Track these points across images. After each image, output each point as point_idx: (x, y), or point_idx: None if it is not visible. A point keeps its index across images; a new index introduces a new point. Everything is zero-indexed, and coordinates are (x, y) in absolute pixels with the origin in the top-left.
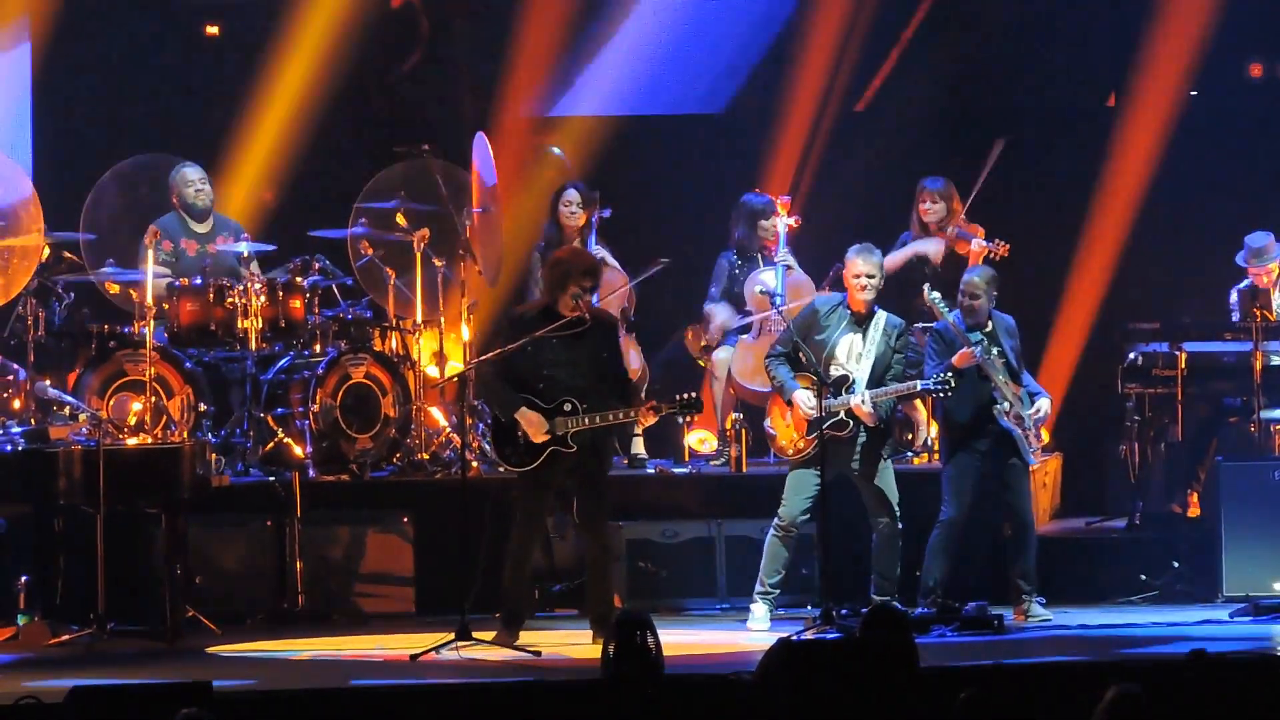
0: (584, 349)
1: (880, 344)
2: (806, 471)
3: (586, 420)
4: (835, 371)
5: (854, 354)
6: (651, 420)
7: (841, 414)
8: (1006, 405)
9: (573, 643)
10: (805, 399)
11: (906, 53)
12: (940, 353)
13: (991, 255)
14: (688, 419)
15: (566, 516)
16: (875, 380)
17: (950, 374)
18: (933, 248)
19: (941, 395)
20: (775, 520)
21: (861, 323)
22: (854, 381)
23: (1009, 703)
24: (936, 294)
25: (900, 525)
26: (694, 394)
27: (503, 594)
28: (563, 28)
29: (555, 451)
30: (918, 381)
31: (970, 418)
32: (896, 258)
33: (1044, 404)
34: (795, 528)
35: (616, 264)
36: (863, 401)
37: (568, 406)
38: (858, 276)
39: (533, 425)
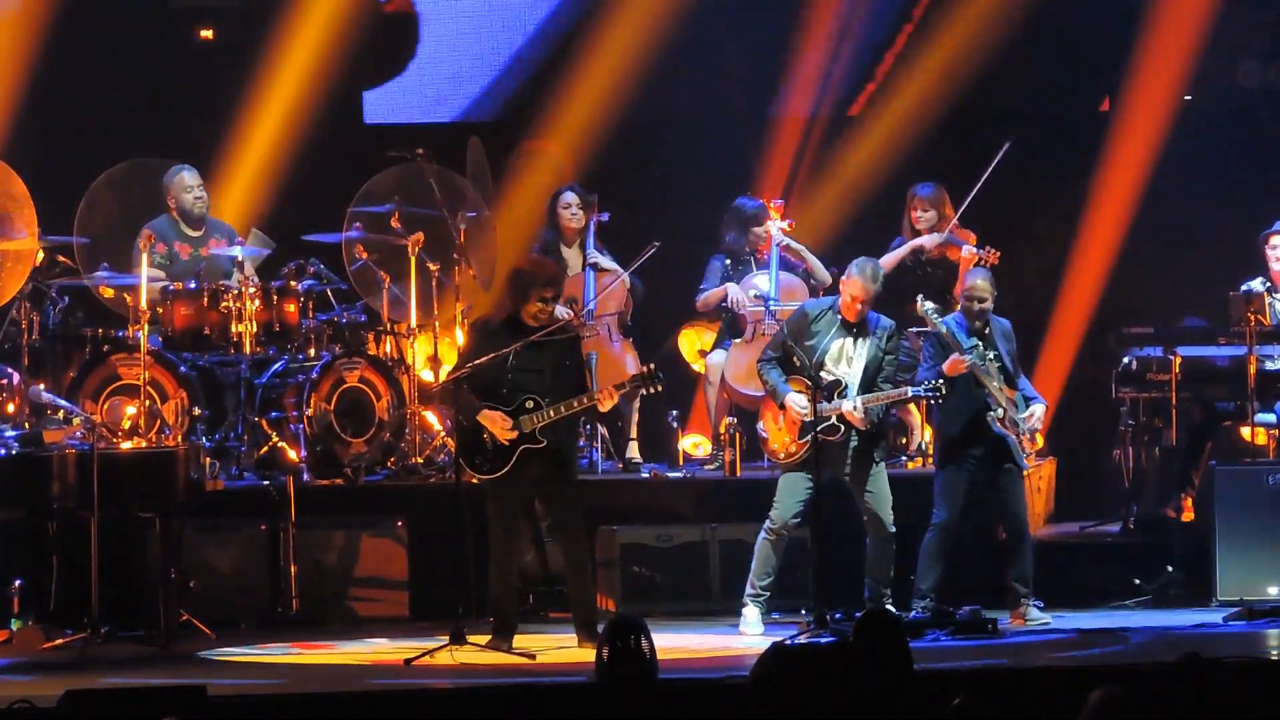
0: (547, 357)
1: (871, 347)
2: (798, 475)
3: (551, 413)
4: (826, 376)
5: (845, 358)
6: (613, 401)
7: (833, 418)
8: (1000, 411)
9: (566, 646)
10: (797, 401)
11: (900, 57)
12: (936, 358)
13: (982, 262)
14: (650, 392)
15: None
16: (867, 383)
17: (941, 380)
18: (929, 240)
19: (933, 401)
20: (766, 523)
21: (852, 326)
22: (846, 386)
23: (1003, 707)
24: (930, 304)
25: (894, 529)
26: (652, 365)
27: (492, 603)
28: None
29: (526, 451)
30: (909, 387)
31: (964, 423)
32: (892, 257)
33: (1038, 409)
34: (786, 530)
35: (617, 266)
36: (855, 408)
37: (529, 404)
38: (854, 298)
39: (498, 424)
